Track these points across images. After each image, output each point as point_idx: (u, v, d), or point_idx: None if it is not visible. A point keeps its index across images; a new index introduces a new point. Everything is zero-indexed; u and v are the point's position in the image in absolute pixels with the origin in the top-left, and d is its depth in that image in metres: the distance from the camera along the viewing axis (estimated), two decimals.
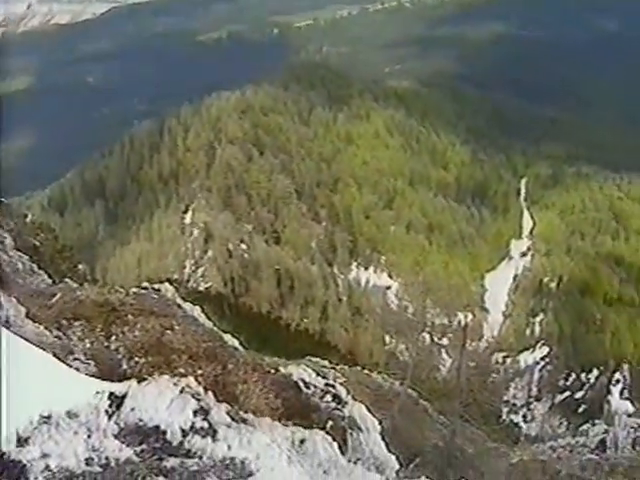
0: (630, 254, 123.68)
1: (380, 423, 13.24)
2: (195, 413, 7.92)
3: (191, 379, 8.61)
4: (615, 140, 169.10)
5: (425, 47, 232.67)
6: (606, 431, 30.57)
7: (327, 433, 10.25)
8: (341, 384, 15.26)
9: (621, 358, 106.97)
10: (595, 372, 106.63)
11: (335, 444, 8.87)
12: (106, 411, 7.73)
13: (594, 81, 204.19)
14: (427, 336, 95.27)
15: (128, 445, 7.33)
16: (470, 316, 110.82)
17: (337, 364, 32.43)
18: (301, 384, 13.49)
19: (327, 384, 14.10)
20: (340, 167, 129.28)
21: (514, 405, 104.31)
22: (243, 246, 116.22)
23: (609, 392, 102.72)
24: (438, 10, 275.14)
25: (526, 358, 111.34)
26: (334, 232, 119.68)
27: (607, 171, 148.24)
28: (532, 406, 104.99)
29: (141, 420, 7.70)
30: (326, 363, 30.01)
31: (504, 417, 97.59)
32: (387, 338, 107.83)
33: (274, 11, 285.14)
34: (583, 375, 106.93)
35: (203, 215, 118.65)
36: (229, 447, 7.54)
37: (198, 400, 8.14)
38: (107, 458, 7.09)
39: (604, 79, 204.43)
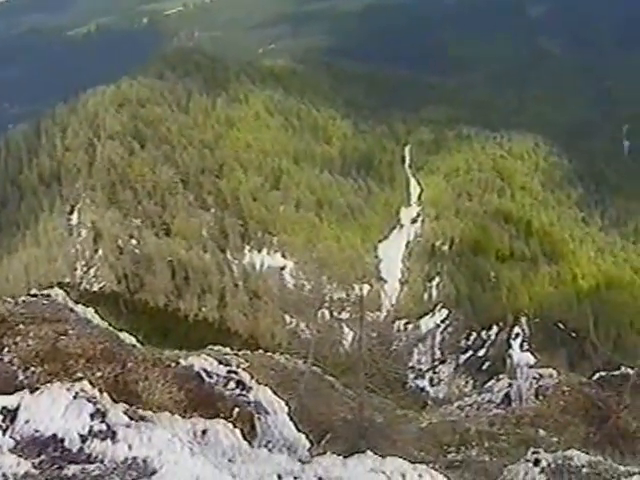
0: (517, 210, 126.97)
1: (287, 404, 13.18)
2: (92, 417, 7.63)
3: (85, 383, 8.31)
4: (492, 100, 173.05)
5: (297, 24, 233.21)
6: (510, 385, 31.24)
7: (234, 420, 10.14)
8: (244, 369, 15.10)
9: (518, 312, 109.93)
10: (495, 329, 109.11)
11: (237, 431, 8.75)
12: (0, 426, 7.45)
13: (466, 44, 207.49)
14: (326, 312, 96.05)
15: (26, 458, 7.02)
16: (367, 287, 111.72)
17: (239, 350, 32.14)
18: (203, 374, 13.30)
19: (230, 371, 13.92)
20: (223, 152, 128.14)
21: (419, 370, 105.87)
22: (133, 241, 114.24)
23: (510, 346, 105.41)
24: None
25: (427, 323, 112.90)
26: (224, 218, 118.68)
27: (487, 131, 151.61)
28: (437, 369, 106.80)
29: (37, 431, 7.38)
30: (228, 350, 29.73)
31: (410, 383, 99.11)
32: (287, 318, 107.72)
33: (142, 0, 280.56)
34: (484, 333, 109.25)
35: (90, 214, 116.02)
36: (130, 447, 7.31)
37: (94, 403, 7.88)
38: (4, 475, 6.81)
39: (475, 41, 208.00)
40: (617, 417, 26.22)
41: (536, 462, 9.75)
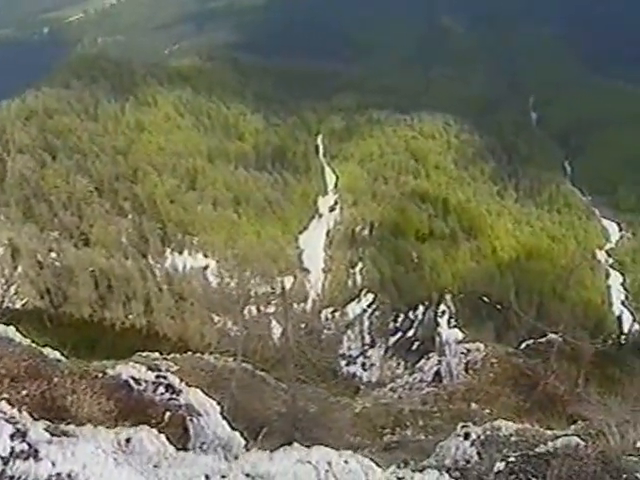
0: (433, 189, 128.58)
1: (219, 403, 13.10)
2: (12, 437, 7.46)
3: (2, 404, 8.14)
4: (400, 82, 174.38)
5: (200, 22, 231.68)
6: (440, 362, 31.67)
7: (166, 425, 10.02)
8: (174, 373, 14.97)
9: (443, 290, 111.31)
10: (421, 308, 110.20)
11: (163, 436, 8.63)
12: None
13: (369, 29, 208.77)
14: (253, 307, 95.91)
15: None
16: (290, 279, 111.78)
17: (169, 353, 31.94)
18: (132, 382, 13.11)
19: (159, 376, 13.76)
20: (136, 157, 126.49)
21: (350, 356, 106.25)
22: (53, 255, 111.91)
23: (438, 324, 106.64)
24: None
25: (353, 309, 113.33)
26: (142, 223, 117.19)
27: (397, 114, 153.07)
28: (368, 354, 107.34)
29: None
30: (157, 355, 29.47)
31: (342, 370, 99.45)
32: (215, 317, 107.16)
33: (42, 9, 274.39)
34: (410, 313, 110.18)
35: (5, 231, 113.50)
36: (53, 464, 7.12)
37: (13, 424, 7.69)
38: None
39: (378, 25, 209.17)
40: (545, 383, 26.81)
41: (466, 436, 9.86)
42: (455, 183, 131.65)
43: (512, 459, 7.86)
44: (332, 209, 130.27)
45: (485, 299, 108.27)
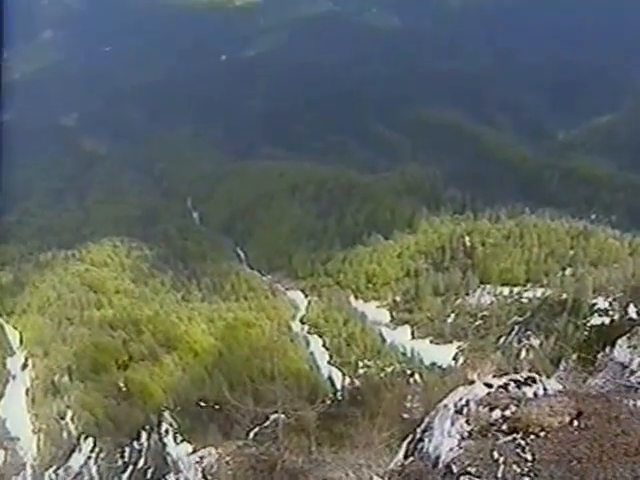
0: (120, 314, 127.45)
1: None
2: None
3: None
4: (56, 220, 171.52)
5: None
6: None
7: None
8: None
9: (159, 409, 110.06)
10: (144, 434, 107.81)
11: None
12: None
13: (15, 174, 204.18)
14: None
15: None
16: (1, 453, 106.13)
17: None
18: None
19: None
20: None
21: None
22: None
23: (165, 445, 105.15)
24: None
25: (77, 459, 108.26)
26: None
27: (63, 251, 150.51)
28: None
29: None
30: None
31: None
32: None
33: None
34: (135, 444, 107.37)
35: None
36: None
37: None
38: None
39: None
40: (282, 462, 27.75)
41: None
42: (139, 302, 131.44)
43: None
44: (25, 366, 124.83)
45: (202, 404, 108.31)
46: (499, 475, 12.28)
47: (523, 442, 12.93)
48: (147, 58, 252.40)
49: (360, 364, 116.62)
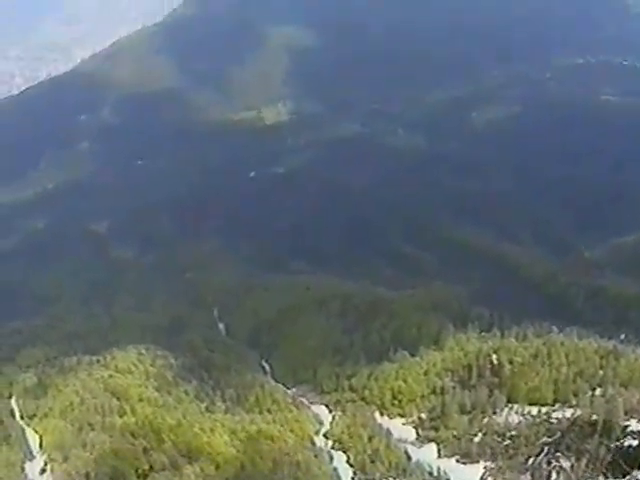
0: (142, 422, 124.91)
1: None
2: None
3: None
4: (83, 326, 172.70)
5: None
6: None
7: None
8: None
9: None
10: None
11: None
12: None
13: (48, 281, 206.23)
14: None
15: None
16: None
17: None
18: None
19: None
20: None
21: None
22: None
23: None
24: None
25: None
26: None
27: (88, 357, 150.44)
28: None
29: None
30: None
31: None
32: None
33: None
34: None
35: None
36: None
37: None
38: None
39: (54, 277, 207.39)
40: None
41: None
42: (162, 410, 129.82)
43: None
44: (43, 471, 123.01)
45: None
46: None
47: None
48: (178, 172, 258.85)
49: None
